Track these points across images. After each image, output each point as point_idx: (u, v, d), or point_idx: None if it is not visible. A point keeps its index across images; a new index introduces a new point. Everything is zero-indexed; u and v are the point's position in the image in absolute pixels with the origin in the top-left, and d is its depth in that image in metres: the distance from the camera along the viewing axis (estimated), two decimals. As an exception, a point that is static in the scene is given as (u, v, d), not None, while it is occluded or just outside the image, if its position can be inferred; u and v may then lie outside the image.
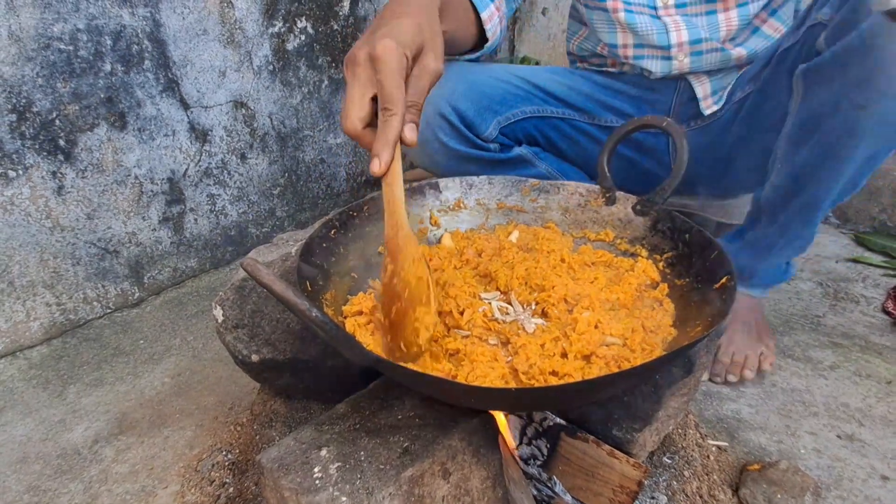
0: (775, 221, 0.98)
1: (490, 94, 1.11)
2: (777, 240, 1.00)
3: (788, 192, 0.94)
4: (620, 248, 0.82)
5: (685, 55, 1.04)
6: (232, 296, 0.83)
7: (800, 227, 0.97)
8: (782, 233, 0.99)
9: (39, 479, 0.91)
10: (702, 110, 1.09)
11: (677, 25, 1.04)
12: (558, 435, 0.76)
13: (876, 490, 0.87)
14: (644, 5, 1.04)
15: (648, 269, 0.76)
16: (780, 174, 0.95)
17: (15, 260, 1.13)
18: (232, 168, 1.44)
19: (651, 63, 1.09)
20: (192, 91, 1.31)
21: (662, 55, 1.06)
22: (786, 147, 0.93)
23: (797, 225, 0.97)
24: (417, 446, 0.59)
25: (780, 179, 0.95)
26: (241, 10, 1.34)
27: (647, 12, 1.04)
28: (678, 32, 1.03)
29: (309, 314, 0.47)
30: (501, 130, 1.12)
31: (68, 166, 1.16)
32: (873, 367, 1.12)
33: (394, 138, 0.58)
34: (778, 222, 0.98)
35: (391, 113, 0.57)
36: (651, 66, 1.09)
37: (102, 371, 1.13)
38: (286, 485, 0.56)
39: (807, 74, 0.87)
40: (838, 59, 0.81)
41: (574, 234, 0.85)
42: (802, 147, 0.89)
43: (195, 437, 0.98)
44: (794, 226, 0.97)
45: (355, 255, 0.78)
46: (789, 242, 1.00)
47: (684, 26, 1.03)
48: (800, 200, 0.93)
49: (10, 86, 1.05)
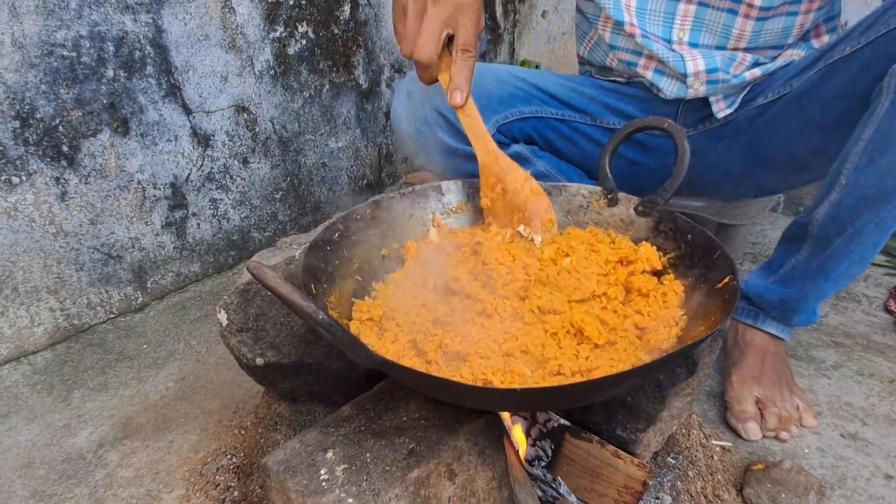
0: (828, 247, 0.89)
1: (489, 94, 1.11)
2: (834, 267, 0.90)
3: (854, 211, 0.84)
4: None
5: (701, 83, 1.03)
6: (236, 299, 0.83)
7: (864, 250, 0.87)
8: (840, 259, 0.89)
9: (45, 484, 0.91)
10: (715, 114, 1.07)
11: (693, 56, 1.01)
12: (562, 436, 0.76)
13: (880, 489, 0.87)
14: (659, 37, 1.03)
15: (651, 257, 0.76)
16: (846, 191, 0.85)
17: (19, 266, 1.14)
18: (234, 172, 1.45)
19: (667, 84, 1.06)
20: (194, 96, 1.31)
21: (679, 79, 1.05)
22: (858, 160, 0.83)
23: (861, 249, 0.87)
24: (423, 447, 0.59)
25: (846, 198, 0.85)
26: (242, 15, 1.35)
27: (662, 45, 1.03)
28: (694, 62, 1.01)
29: (315, 317, 0.47)
30: (499, 129, 1.12)
31: (71, 172, 1.16)
32: (876, 366, 1.12)
33: (470, 75, 0.70)
34: (833, 247, 0.88)
35: (471, 55, 0.69)
36: (666, 88, 1.06)
37: (107, 376, 1.14)
38: (293, 487, 0.56)
39: None
40: None
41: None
42: (882, 158, 0.81)
43: (200, 441, 0.98)
44: (858, 250, 0.87)
45: (359, 258, 0.78)
46: (848, 269, 0.90)
47: (700, 56, 1.01)
48: (867, 221, 0.84)
49: (14, 92, 1.06)
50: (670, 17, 1.01)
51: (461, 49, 0.69)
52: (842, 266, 0.90)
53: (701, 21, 1.00)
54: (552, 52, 2.53)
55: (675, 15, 1.01)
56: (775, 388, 0.99)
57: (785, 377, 1.01)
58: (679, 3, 1.00)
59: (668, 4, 1.00)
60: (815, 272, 0.93)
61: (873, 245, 0.87)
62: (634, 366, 0.62)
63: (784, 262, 0.97)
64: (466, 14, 0.68)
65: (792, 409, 0.98)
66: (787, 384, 1.01)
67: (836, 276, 0.91)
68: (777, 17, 0.97)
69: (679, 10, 1.00)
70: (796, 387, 1.02)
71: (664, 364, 0.59)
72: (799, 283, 0.96)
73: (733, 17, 0.98)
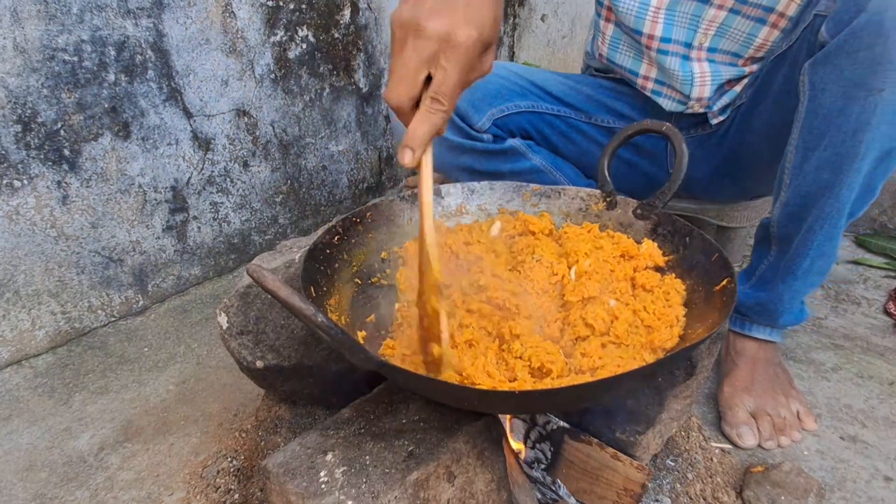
0: (790, 246, 0.91)
1: (485, 87, 1.12)
2: (798, 265, 0.91)
3: (802, 209, 0.87)
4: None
5: (701, 106, 1.04)
6: (236, 302, 0.84)
7: (821, 245, 0.88)
8: (802, 256, 0.90)
9: (46, 487, 0.91)
10: (709, 120, 1.08)
11: (703, 80, 1.01)
12: (562, 438, 0.77)
13: (879, 491, 0.87)
14: (680, 43, 1.02)
15: (654, 253, 0.77)
16: (791, 191, 0.88)
17: (20, 269, 1.14)
18: (234, 176, 1.45)
19: (665, 101, 1.07)
20: (194, 100, 1.32)
21: (680, 99, 1.05)
22: (794, 159, 0.86)
23: (817, 244, 0.88)
24: (422, 450, 0.59)
25: (792, 196, 0.88)
26: (242, 19, 1.35)
27: (681, 52, 1.02)
28: (702, 87, 1.02)
29: (314, 319, 0.48)
30: (495, 122, 1.13)
31: (73, 176, 1.17)
32: (875, 368, 1.12)
33: (433, 133, 0.55)
34: (794, 246, 0.90)
35: (441, 108, 0.55)
36: (664, 104, 1.07)
37: (107, 379, 1.14)
38: (292, 489, 0.56)
39: (814, 68, 0.81)
40: (846, 44, 0.76)
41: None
42: (812, 154, 0.83)
43: (200, 444, 0.98)
44: (814, 245, 0.88)
45: (358, 262, 0.78)
46: (812, 265, 0.91)
47: (709, 80, 1.01)
48: (815, 216, 0.86)
49: (16, 97, 1.07)
50: (696, 21, 1.00)
51: (431, 97, 0.54)
52: (805, 262, 0.90)
53: (726, 28, 1.00)
54: (552, 56, 2.53)
55: (701, 19, 1.00)
56: (768, 396, 0.98)
57: (779, 382, 1.01)
58: (709, 8, 0.99)
59: (696, 7, 0.99)
60: (783, 272, 0.94)
61: (828, 238, 0.87)
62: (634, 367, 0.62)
63: (758, 265, 0.98)
64: (451, 56, 0.53)
65: (789, 414, 0.97)
66: (782, 390, 1.00)
67: (804, 272, 0.92)
68: (801, 27, 0.95)
69: (708, 14, 0.99)
70: (794, 390, 1.01)
71: (662, 366, 0.59)
72: (771, 285, 0.96)
73: (760, 27, 0.98)
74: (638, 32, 1.03)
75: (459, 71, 0.54)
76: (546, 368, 0.64)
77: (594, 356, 0.65)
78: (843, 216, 0.85)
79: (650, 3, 1.01)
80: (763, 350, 1.02)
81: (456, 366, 0.64)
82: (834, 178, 0.82)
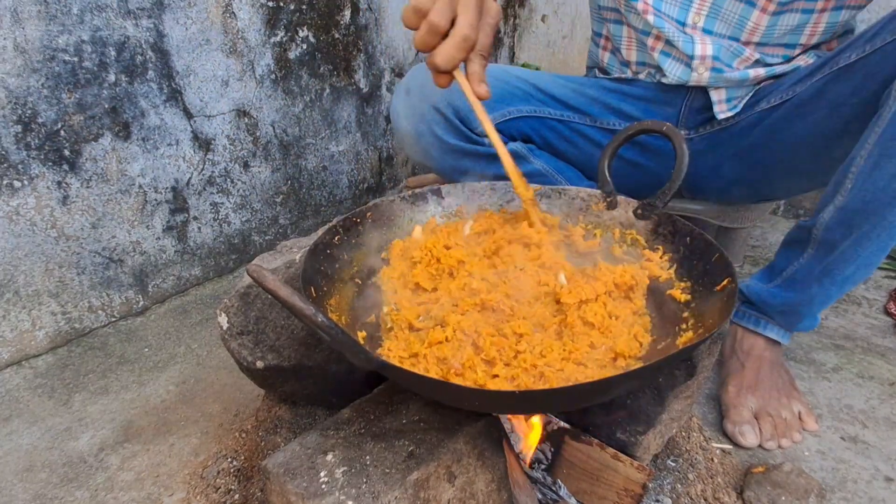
0: (833, 250, 0.89)
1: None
2: (841, 271, 0.90)
3: (860, 215, 0.85)
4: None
5: (706, 69, 1.03)
6: (236, 303, 0.84)
7: (871, 254, 0.87)
8: (847, 262, 0.89)
9: (46, 488, 0.91)
10: (716, 114, 1.07)
11: (703, 40, 1.02)
12: (562, 438, 0.77)
13: (880, 491, 0.87)
14: (674, 19, 1.03)
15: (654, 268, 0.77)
16: (851, 196, 0.85)
17: (20, 269, 1.14)
18: (235, 176, 1.45)
19: (672, 66, 1.06)
20: (195, 100, 1.32)
21: (684, 62, 1.05)
22: (863, 165, 0.84)
23: (868, 253, 0.87)
24: (423, 450, 0.59)
25: (851, 202, 0.85)
26: (243, 20, 1.35)
27: (675, 27, 1.03)
28: (703, 45, 1.02)
29: (314, 319, 0.48)
30: (496, 127, 1.13)
31: (73, 176, 1.17)
32: (876, 368, 1.12)
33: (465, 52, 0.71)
34: (839, 251, 0.89)
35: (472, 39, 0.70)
36: (670, 70, 1.06)
37: (108, 379, 1.14)
38: (292, 489, 0.56)
39: None
40: None
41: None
42: (888, 163, 0.81)
43: (200, 445, 0.98)
44: (864, 254, 0.87)
45: (358, 262, 0.78)
46: (855, 273, 0.90)
47: (709, 41, 1.02)
48: (874, 225, 0.84)
49: (16, 97, 1.07)
50: (688, 1, 1.01)
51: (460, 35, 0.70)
52: (848, 270, 0.90)
53: (718, 9, 1.00)
54: (552, 56, 2.53)
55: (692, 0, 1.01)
56: (772, 397, 0.98)
57: (783, 383, 1.01)
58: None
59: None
60: (819, 276, 0.93)
61: (881, 249, 0.87)
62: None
63: (786, 265, 0.97)
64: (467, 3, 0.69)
65: (791, 415, 0.97)
66: (785, 391, 1.00)
67: (843, 279, 0.92)
68: (792, 12, 0.97)
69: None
70: (796, 391, 1.01)
71: (663, 366, 0.59)
72: (803, 287, 0.95)
73: (750, 10, 0.98)
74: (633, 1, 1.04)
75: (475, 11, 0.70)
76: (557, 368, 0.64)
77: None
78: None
79: None
80: (770, 350, 1.02)
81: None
82: None
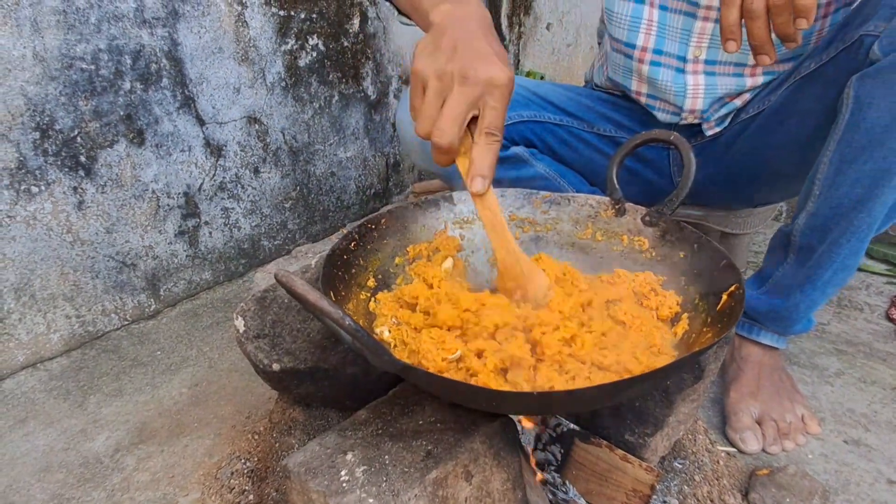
0: (811, 256, 0.91)
1: None
2: (819, 276, 0.92)
3: (830, 220, 0.86)
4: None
5: (695, 117, 1.06)
6: (253, 306, 0.85)
7: (845, 258, 0.88)
8: (824, 268, 0.90)
9: (63, 488, 0.93)
10: (704, 131, 1.10)
11: (696, 92, 1.02)
12: (572, 440, 0.78)
13: (883, 494, 0.89)
14: (674, 56, 1.03)
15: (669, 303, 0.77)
16: (820, 202, 0.87)
17: (37, 273, 1.16)
18: (245, 182, 1.47)
19: (660, 114, 1.10)
20: (207, 107, 1.34)
21: (673, 111, 1.07)
22: (827, 171, 0.86)
23: (842, 257, 0.88)
24: (440, 450, 0.61)
25: (820, 207, 0.87)
26: (255, 28, 1.38)
27: (675, 64, 1.03)
28: (695, 100, 1.03)
29: (343, 322, 0.49)
30: None
31: (89, 182, 1.19)
32: (878, 373, 1.14)
33: (494, 161, 0.63)
34: (816, 257, 0.90)
35: (496, 139, 0.63)
36: (659, 116, 1.10)
37: (121, 382, 1.16)
38: (314, 487, 0.58)
39: (862, 82, 0.81)
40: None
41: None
42: (849, 168, 0.83)
43: (214, 446, 1.00)
44: (839, 258, 0.88)
45: (374, 267, 0.80)
46: (833, 277, 0.91)
47: (702, 93, 1.02)
48: (844, 229, 0.86)
49: (35, 105, 1.09)
50: (687, 35, 1.01)
51: (486, 132, 0.62)
52: (826, 274, 0.91)
53: (718, 38, 1.00)
54: (556, 64, 2.56)
55: (691, 33, 1.01)
56: (773, 402, 1.00)
57: (784, 388, 1.02)
58: (696, 21, 0.99)
59: (685, 21, 1.01)
60: (801, 281, 0.94)
61: (853, 252, 0.88)
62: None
63: (772, 272, 0.99)
64: (497, 96, 0.61)
65: (794, 419, 0.99)
66: (787, 395, 1.02)
67: (823, 283, 0.93)
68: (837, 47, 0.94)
69: (696, 27, 1.00)
70: (799, 395, 1.03)
71: (672, 370, 0.61)
72: (787, 293, 0.97)
73: None
74: (631, 45, 1.05)
75: (504, 107, 0.62)
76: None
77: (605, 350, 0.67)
78: (872, 231, 0.86)
79: (642, 17, 1.03)
80: (768, 356, 1.03)
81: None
82: (869, 192, 0.82)
